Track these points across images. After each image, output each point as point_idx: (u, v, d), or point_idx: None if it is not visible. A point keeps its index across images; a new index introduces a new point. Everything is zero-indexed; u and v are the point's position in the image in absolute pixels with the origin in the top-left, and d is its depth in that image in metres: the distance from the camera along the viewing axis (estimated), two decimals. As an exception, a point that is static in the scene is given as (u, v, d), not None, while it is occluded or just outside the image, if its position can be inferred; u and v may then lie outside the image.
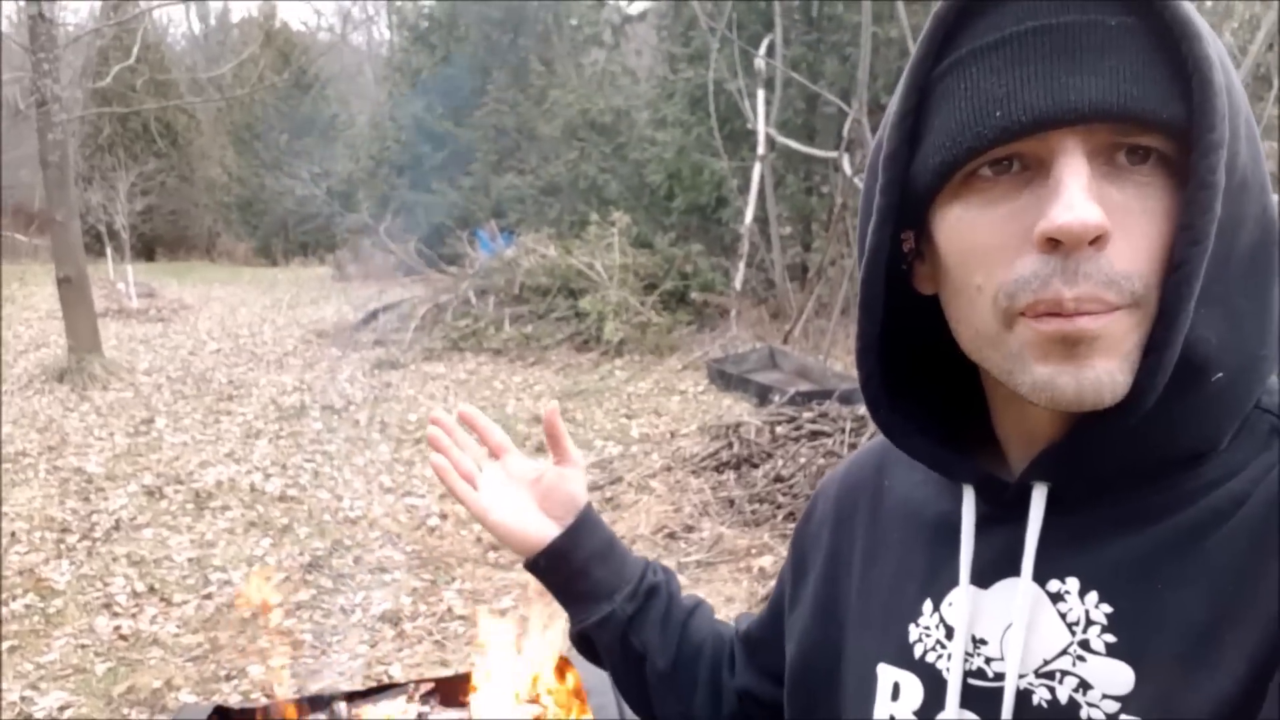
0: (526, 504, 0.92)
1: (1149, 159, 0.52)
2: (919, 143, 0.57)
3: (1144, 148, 0.52)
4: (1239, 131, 0.53)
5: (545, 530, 0.90)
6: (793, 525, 4.53)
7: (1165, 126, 0.51)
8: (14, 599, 4.19)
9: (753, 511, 4.79)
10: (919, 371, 0.67)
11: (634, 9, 15.92)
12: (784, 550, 4.35)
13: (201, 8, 35.34)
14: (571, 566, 0.89)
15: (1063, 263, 0.51)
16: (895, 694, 0.66)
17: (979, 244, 0.55)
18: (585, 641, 0.91)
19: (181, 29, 39.05)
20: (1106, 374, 0.52)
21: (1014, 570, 0.59)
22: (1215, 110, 0.50)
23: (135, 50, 12.69)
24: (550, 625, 2.41)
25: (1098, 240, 0.51)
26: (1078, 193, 0.50)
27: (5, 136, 14.89)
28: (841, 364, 7.95)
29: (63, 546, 4.81)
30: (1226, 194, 0.51)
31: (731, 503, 4.93)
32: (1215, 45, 0.52)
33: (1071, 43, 0.51)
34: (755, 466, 5.28)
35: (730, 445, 5.56)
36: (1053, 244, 0.51)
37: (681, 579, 4.17)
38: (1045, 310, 0.52)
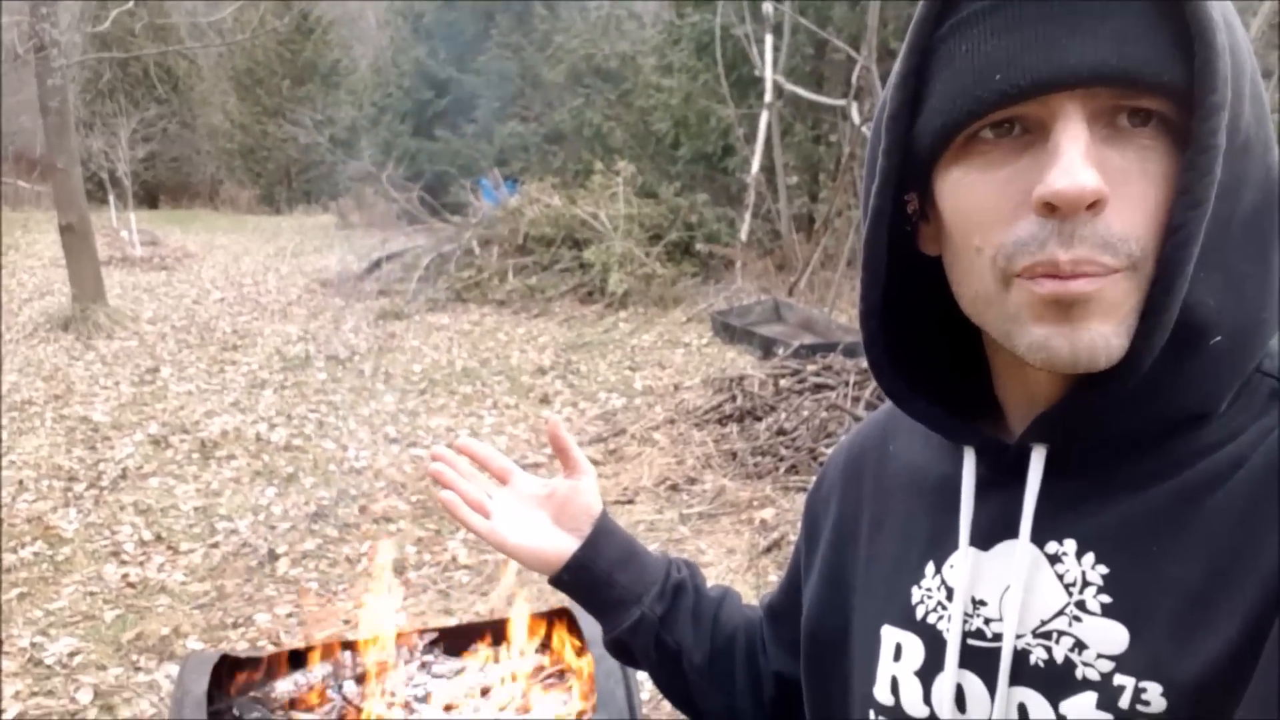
0: (541, 523, 0.90)
1: (1150, 122, 0.52)
2: (921, 105, 0.57)
3: (1145, 111, 0.52)
4: (1243, 92, 0.53)
5: (564, 545, 0.89)
6: (795, 478, 4.58)
7: (1166, 89, 0.51)
8: (23, 546, 4.24)
9: (755, 464, 4.80)
10: (923, 334, 0.67)
11: (640, -48, 15.58)
12: (786, 502, 4.38)
13: (200, -51, 34.71)
14: (595, 577, 0.89)
15: (1059, 226, 0.51)
16: (897, 654, 0.67)
17: (979, 206, 0.55)
18: (620, 647, 0.91)
19: (180, -29, 38.36)
20: (1101, 337, 0.52)
21: (1013, 532, 0.60)
22: (1217, 72, 0.50)
23: (133, -7, 12.47)
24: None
25: (1095, 205, 0.51)
26: (1075, 158, 0.50)
27: (4, 82, 14.71)
28: (846, 317, 7.93)
29: (70, 495, 4.85)
30: (1228, 156, 0.51)
31: (734, 455, 4.95)
32: (1219, 6, 0.51)
33: (1072, 5, 0.51)
34: (758, 419, 5.28)
35: (733, 398, 5.57)
36: (1050, 208, 0.51)
37: (683, 530, 4.21)
38: (1042, 272, 0.52)
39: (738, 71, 10.65)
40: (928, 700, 0.64)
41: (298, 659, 2.45)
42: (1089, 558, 0.56)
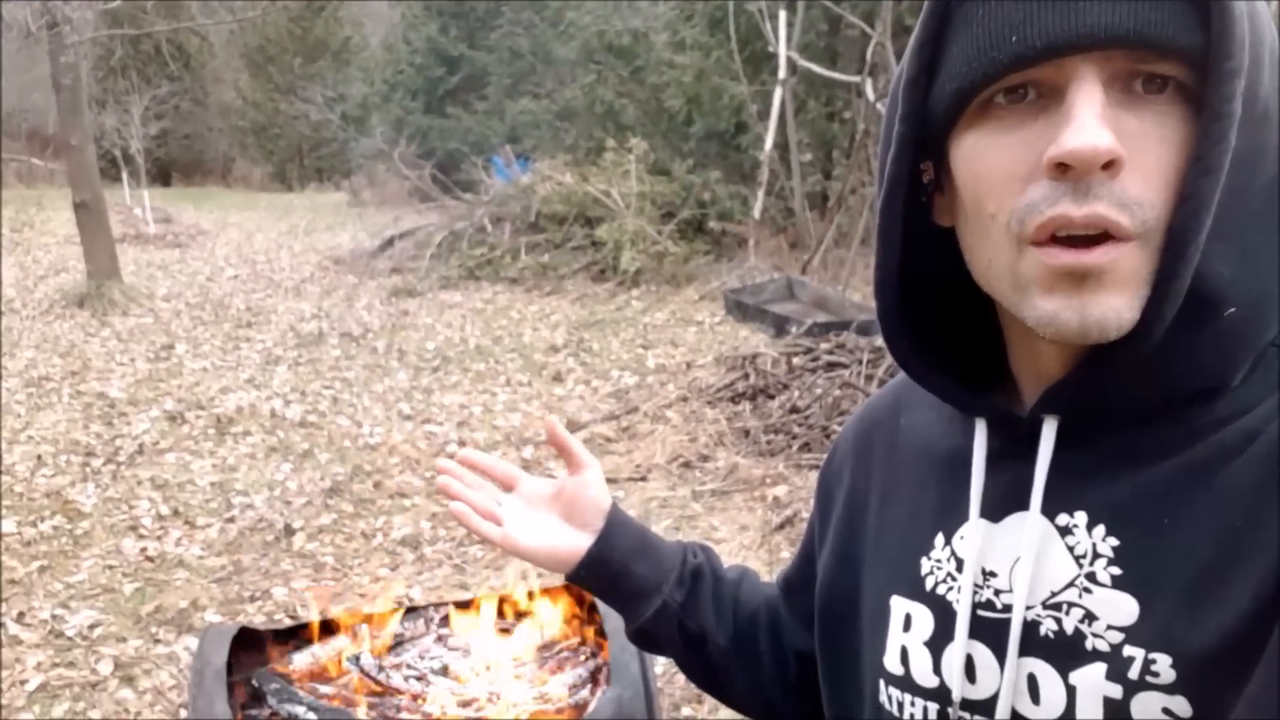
0: (552, 523, 0.90)
1: (1167, 88, 0.52)
2: (937, 71, 0.57)
3: (1162, 76, 0.51)
4: (1262, 60, 0.52)
5: (578, 542, 0.89)
6: (808, 455, 4.58)
7: (1183, 54, 0.50)
8: (42, 520, 4.28)
9: (768, 442, 4.81)
10: (937, 306, 0.67)
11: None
12: (799, 480, 4.38)
13: (211, -75, 34.58)
14: (612, 569, 0.89)
15: (1073, 185, 0.51)
16: (907, 625, 0.67)
17: (992, 171, 0.55)
18: (644, 637, 0.91)
19: (191, -53, 38.25)
20: (1112, 310, 0.52)
21: (1024, 504, 0.60)
22: (1234, 38, 0.49)
23: (145, -31, 12.44)
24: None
25: (1110, 166, 0.50)
26: (1089, 118, 0.50)
27: (17, 59, 14.72)
28: (860, 295, 7.90)
29: (88, 470, 4.90)
30: (1246, 125, 0.50)
31: (747, 433, 4.95)
32: None
33: None
34: (771, 397, 5.28)
35: (746, 376, 5.57)
36: (1063, 169, 0.51)
37: (696, 508, 4.22)
38: (1054, 229, 0.52)
39: (751, 47, 10.57)
40: (937, 670, 0.64)
41: (317, 631, 2.47)
42: (1100, 530, 0.56)
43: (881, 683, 0.69)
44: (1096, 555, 0.56)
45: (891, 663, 0.68)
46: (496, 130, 16.43)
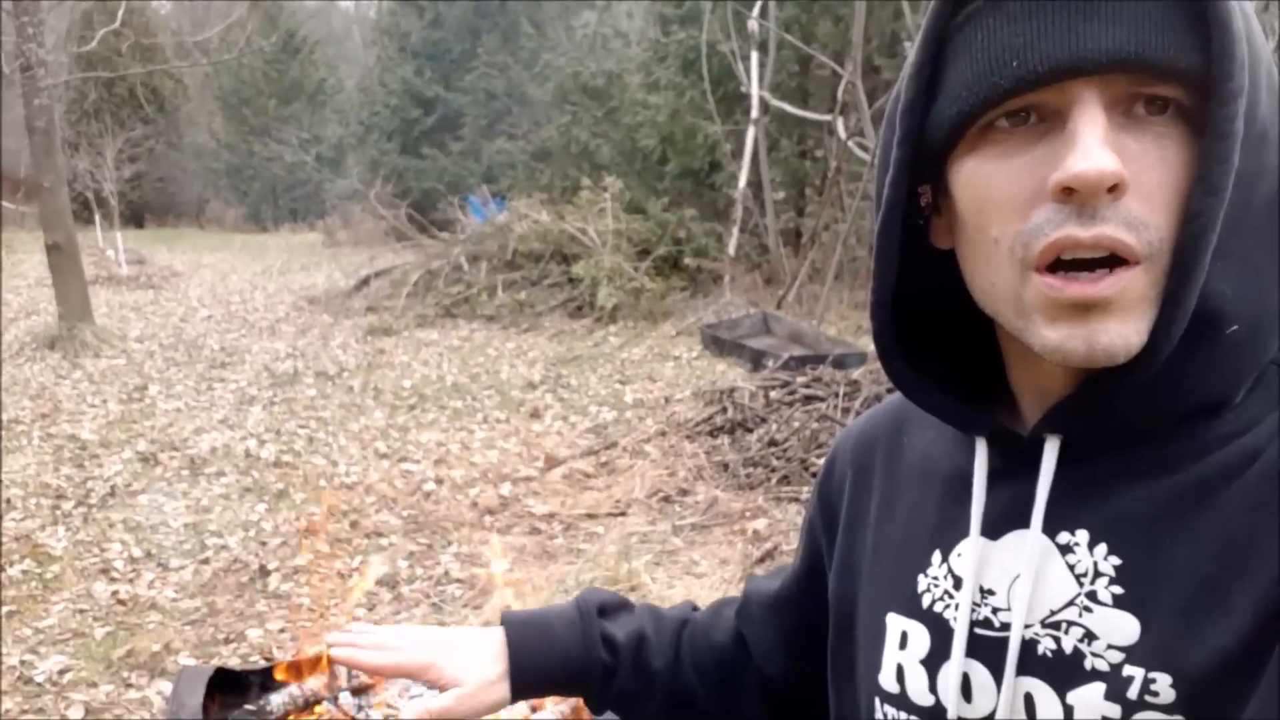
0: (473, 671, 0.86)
1: (1167, 109, 0.52)
2: (936, 94, 0.57)
3: (1162, 98, 0.51)
4: (1259, 82, 0.52)
5: (501, 693, 0.85)
6: (787, 488, 4.58)
7: (1184, 76, 0.50)
8: (11, 565, 4.20)
9: (747, 475, 4.81)
10: (934, 326, 0.67)
11: (626, -29, 15.73)
12: (778, 513, 4.38)
13: (186, -30, 34.76)
14: (549, 680, 0.87)
15: (1079, 209, 0.51)
16: (903, 643, 0.67)
17: (995, 196, 0.55)
18: (619, 709, 0.90)
19: (166, -8, 38.40)
20: (1120, 337, 0.52)
21: (1024, 522, 0.60)
22: (1234, 59, 0.49)
23: (120, 14, 12.49)
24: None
25: (1115, 189, 0.50)
26: (1094, 142, 0.50)
27: (-11, 102, 14.70)
28: (835, 329, 7.96)
29: (59, 513, 4.82)
30: (1245, 145, 0.51)
31: (726, 466, 4.96)
32: None
33: None
34: (749, 431, 5.30)
35: (724, 410, 5.58)
36: (1068, 193, 0.51)
37: (676, 542, 4.20)
38: (1060, 252, 0.52)
39: (724, 88, 10.73)
40: (933, 689, 0.64)
41: (292, 672, 2.44)
42: (1101, 548, 0.56)
43: (877, 700, 0.68)
44: (1098, 574, 0.56)
45: (887, 680, 0.68)
46: (472, 170, 16.53)
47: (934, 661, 0.64)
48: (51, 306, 9.57)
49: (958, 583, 0.63)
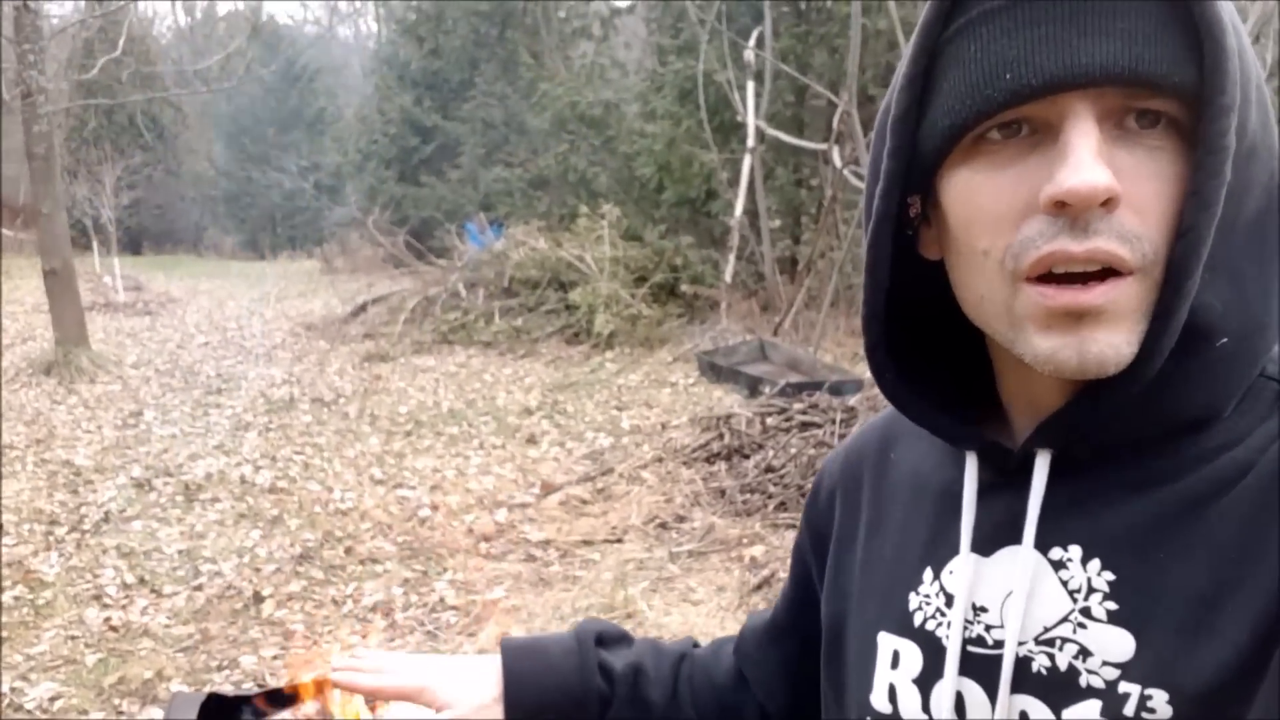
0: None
1: (1159, 123, 0.52)
2: (927, 106, 0.57)
3: (1154, 112, 0.52)
4: (1250, 96, 0.52)
5: (494, 714, 0.86)
6: (783, 515, 4.57)
7: (1176, 90, 0.51)
8: (2, 591, 4.16)
9: (744, 501, 4.80)
10: (925, 338, 0.67)
11: (622, 2, 15.89)
12: (775, 540, 4.37)
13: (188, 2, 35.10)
14: (544, 706, 0.87)
15: (1071, 222, 0.51)
16: (895, 662, 0.66)
17: (986, 208, 0.55)
18: None
19: (168, 22, 38.85)
20: (1111, 347, 0.52)
21: (1016, 538, 0.59)
22: (1227, 74, 0.50)
23: (121, 42, 12.57)
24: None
25: (1108, 203, 0.50)
26: (1086, 155, 0.50)
27: (-11, 129, 14.78)
28: (831, 355, 7.98)
29: (51, 539, 4.79)
30: (1235, 159, 0.51)
31: (723, 493, 4.94)
32: (1228, 9, 0.51)
33: (1083, 4, 0.51)
34: (746, 457, 5.29)
35: (721, 436, 5.58)
36: (1060, 206, 0.51)
37: (673, 569, 4.18)
38: (1051, 264, 0.52)
39: (720, 117, 10.82)
40: (926, 708, 0.63)
41: (286, 698, 2.41)
42: (1094, 564, 0.56)
43: None
44: (1091, 590, 0.55)
45: (879, 701, 0.67)
46: (470, 198, 16.60)
47: (927, 681, 0.63)
48: (48, 332, 9.56)
49: (949, 600, 0.63)
